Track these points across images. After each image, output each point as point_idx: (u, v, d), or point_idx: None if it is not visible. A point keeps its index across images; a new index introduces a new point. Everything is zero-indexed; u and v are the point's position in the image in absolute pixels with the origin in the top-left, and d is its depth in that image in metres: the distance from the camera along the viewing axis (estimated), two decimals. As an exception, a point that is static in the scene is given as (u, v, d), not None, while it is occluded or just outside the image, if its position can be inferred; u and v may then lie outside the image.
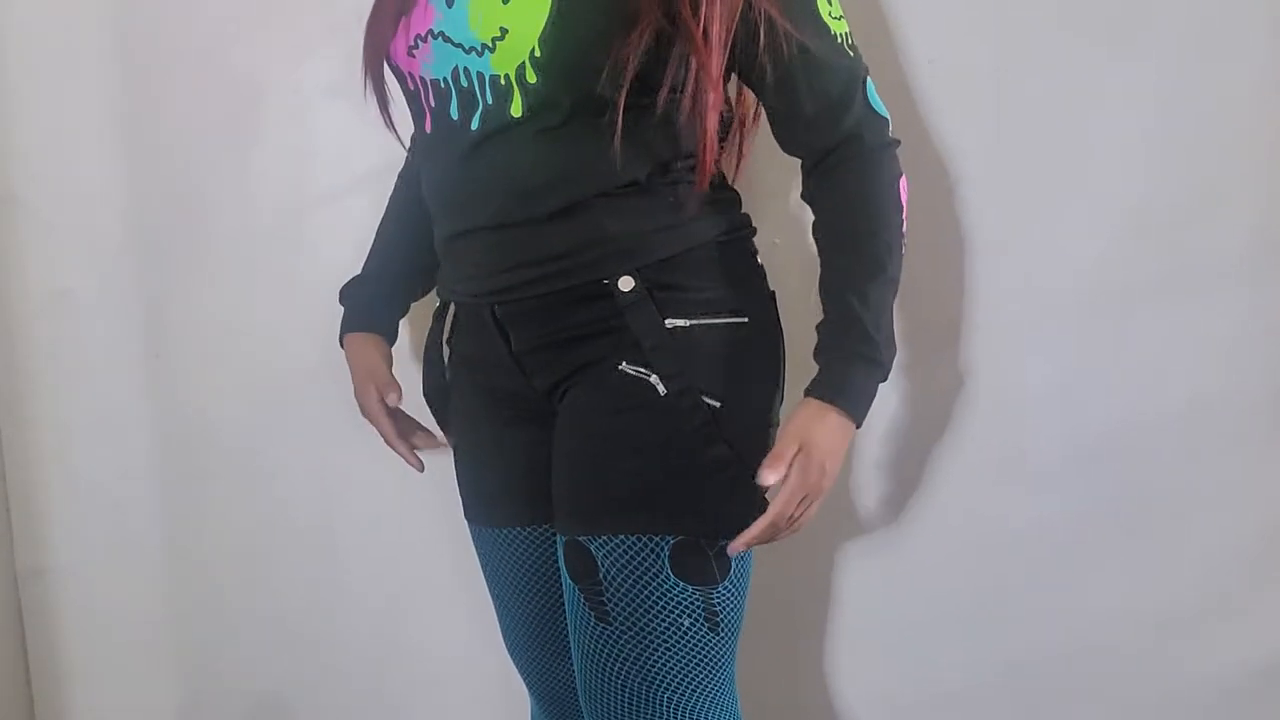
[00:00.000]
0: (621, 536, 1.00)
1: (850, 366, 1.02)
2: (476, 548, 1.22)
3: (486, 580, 1.22)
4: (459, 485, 1.21)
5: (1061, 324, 1.36)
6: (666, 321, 1.02)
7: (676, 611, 1.00)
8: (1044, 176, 1.33)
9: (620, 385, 1.02)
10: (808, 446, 1.00)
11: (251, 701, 1.58)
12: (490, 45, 0.99)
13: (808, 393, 1.03)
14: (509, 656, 1.25)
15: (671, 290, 1.02)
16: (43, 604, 1.56)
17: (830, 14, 1.03)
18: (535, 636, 1.20)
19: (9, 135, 1.41)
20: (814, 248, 1.08)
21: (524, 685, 1.27)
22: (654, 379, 1.01)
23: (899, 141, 1.08)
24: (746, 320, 1.05)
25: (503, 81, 0.99)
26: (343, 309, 1.26)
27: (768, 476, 0.98)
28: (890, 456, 1.42)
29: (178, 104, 1.40)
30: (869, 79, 1.06)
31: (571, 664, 1.18)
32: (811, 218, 1.09)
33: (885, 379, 1.05)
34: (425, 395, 1.23)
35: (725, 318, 1.04)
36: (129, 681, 1.58)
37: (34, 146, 1.42)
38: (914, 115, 1.32)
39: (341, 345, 1.26)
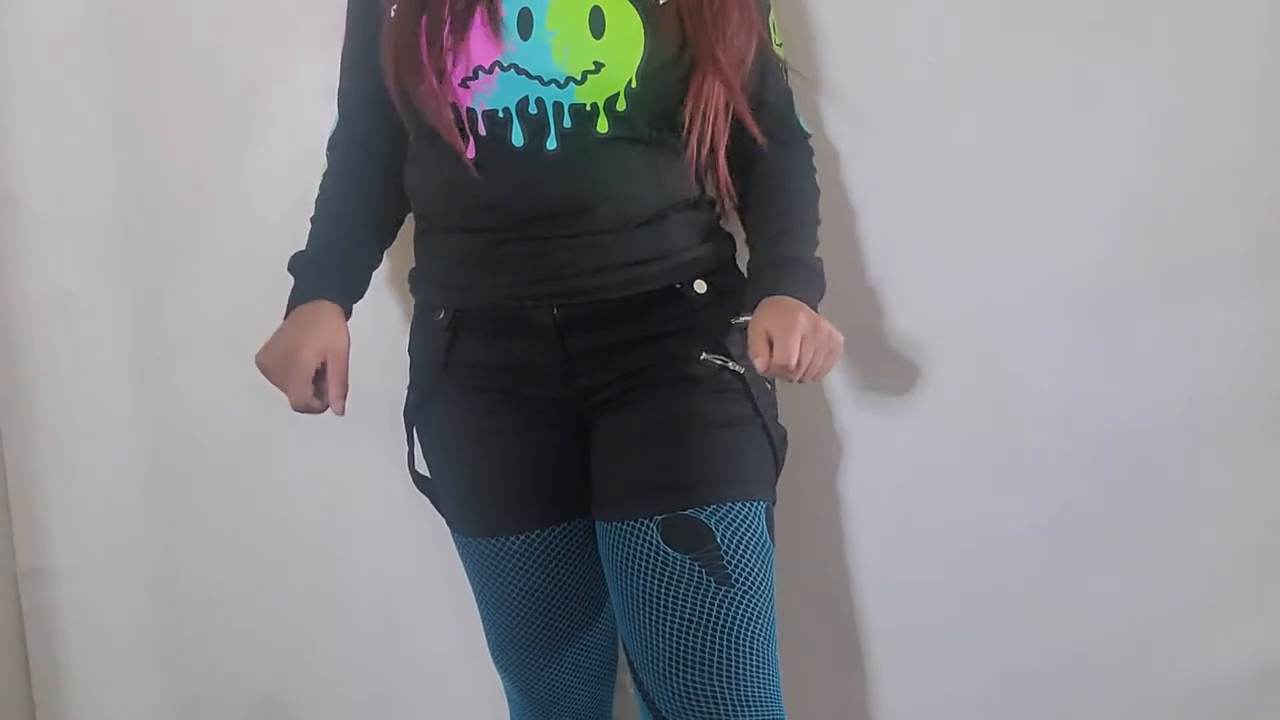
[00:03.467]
0: (729, 504, 1.07)
1: (781, 269, 1.13)
2: (479, 561, 1.20)
3: (489, 592, 1.21)
4: (454, 500, 1.21)
5: (1061, 324, 1.36)
6: (729, 318, 1.13)
7: (770, 571, 1.09)
8: (1043, 176, 1.33)
9: (707, 372, 1.12)
10: (769, 320, 1.05)
11: (251, 701, 1.58)
12: (579, 78, 1.05)
13: (751, 296, 1.11)
14: (502, 664, 1.25)
15: (726, 293, 1.15)
16: (43, 604, 1.56)
17: (777, 42, 1.18)
18: (548, 637, 1.21)
19: (8, 135, 1.41)
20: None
21: (512, 691, 1.28)
22: (732, 364, 1.12)
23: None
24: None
25: (588, 108, 1.06)
26: (295, 278, 1.18)
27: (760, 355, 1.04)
28: (890, 457, 1.42)
29: (177, 104, 1.40)
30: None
31: (566, 661, 1.22)
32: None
33: (821, 288, 1.14)
34: (406, 411, 1.22)
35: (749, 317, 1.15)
36: (129, 681, 1.58)
37: (34, 146, 1.42)
38: (914, 116, 1.32)
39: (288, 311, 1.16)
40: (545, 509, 1.17)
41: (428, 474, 1.24)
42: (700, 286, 1.13)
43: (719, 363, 1.12)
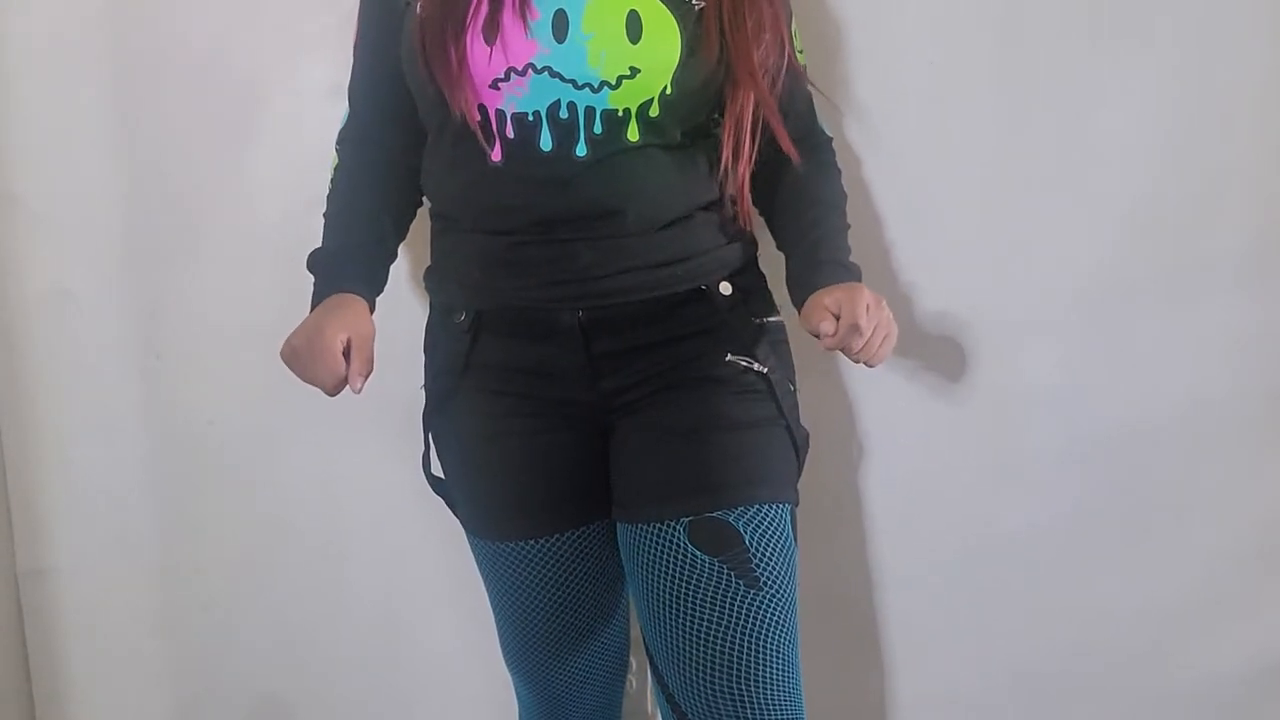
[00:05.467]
0: (757, 506, 1.07)
1: (823, 269, 1.12)
2: (495, 565, 1.19)
3: (504, 595, 1.20)
4: (471, 504, 1.19)
5: (1061, 324, 1.37)
6: (754, 319, 1.13)
7: (795, 573, 1.09)
8: (1044, 177, 1.33)
9: (732, 374, 1.11)
10: (830, 295, 1.05)
11: (251, 702, 1.58)
12: (614, 83, 1.03)
13: (798, 298, 1.12)
14: (515, 665, 1.25)
15: (750, 294, 1.15)
16: (43, 604, 1.56)
17: (798, 49, 1.16)
18: (564, 639, 1.21)
19: (9, 135, 1.41)
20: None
21: (523, 691, 1.28)
22: (757, 365, 1.11)
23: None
24: (781, 318, 1.18)
25: (620, 114, 1.05)
26: (314, 276, 1.15)
27: (825, 327, 1.03)
28: (891, 457, 1.42)
29: (177, 105, 1.39)
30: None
31: (580, 661, 1.22)
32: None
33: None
34: (426, 415, 1.20)
35: (776, 316, 1.17)
36: (129, 682, 1.58)
37: (34, 146, 1.42)
38: (915, 117, 1.32)
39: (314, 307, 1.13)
40: (564, 513, 1.16)
41: (442, 475, 1.22)
42: (725, 288, 1.12)
43: (744, 364, 1.11)
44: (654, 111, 1.05)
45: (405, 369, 1.25)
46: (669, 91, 1.05)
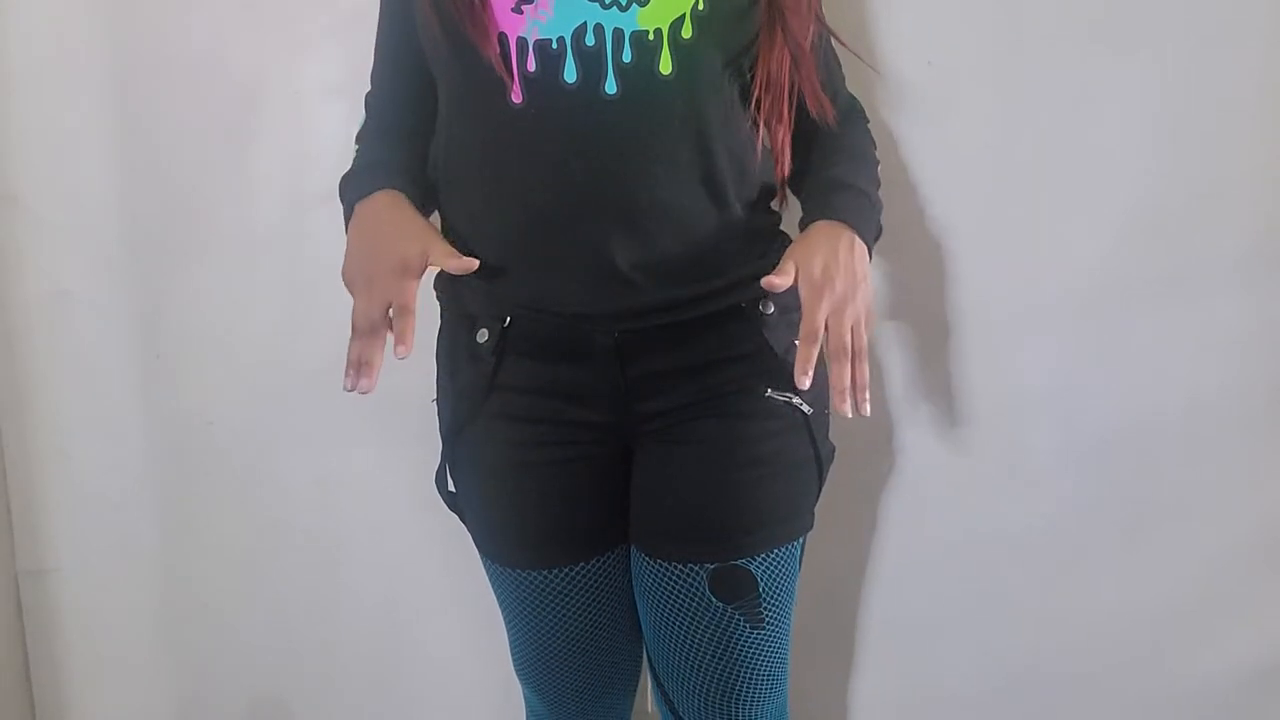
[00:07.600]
0: (777, 549, 1.07)
1: (843, 195, 1.06)
2: (513, 591, 1.15)
3: (521, 620, 1.16)
4: (489, 530, 1.15)
5: (1061, 324, 1.36)
6: (796, 341, 1.04)
7: (794, 594, 1.10)
8: (1044, 177, 1.33)
9: (769, 411, 1.06)
10: (807, 255, 0.99)
11: (251, 702, 1.58)
12: None
13: (802, 224, 1.05)
14: (528, 679, 1.23)
15: (791, 311, 1.07)
16: (43, 604, 1.56)
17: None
18: (582, 662, 1.17)
19: (9, 135, 1.41)
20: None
21: (534, 701, 1.26)
22: (796, 400, 1.06)
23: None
24: None
25: (650, 37, 0.97)
26: (347, 188, 1.08)
27: (776, 283, 0.96)
28: (890, 457, 1.42)
29: (177, 104, 1.39)
30: None
31: (596, 680, 1.20)
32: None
33: (878, 225, 1.09)
34: (444, 432, 1.13)
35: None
36: (129, 682, 1.58)
37: (34, 146, 1.42)
38: (914, 117, 1.32)
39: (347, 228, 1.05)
40: (585, 542, 1.12)
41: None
42: (768, 306, 1.06)
43: (782, 399, 1.06)
44: (687, 32, 0.97)
45: (406, 368, 1.24)
46: (700, 7, 0.97)
